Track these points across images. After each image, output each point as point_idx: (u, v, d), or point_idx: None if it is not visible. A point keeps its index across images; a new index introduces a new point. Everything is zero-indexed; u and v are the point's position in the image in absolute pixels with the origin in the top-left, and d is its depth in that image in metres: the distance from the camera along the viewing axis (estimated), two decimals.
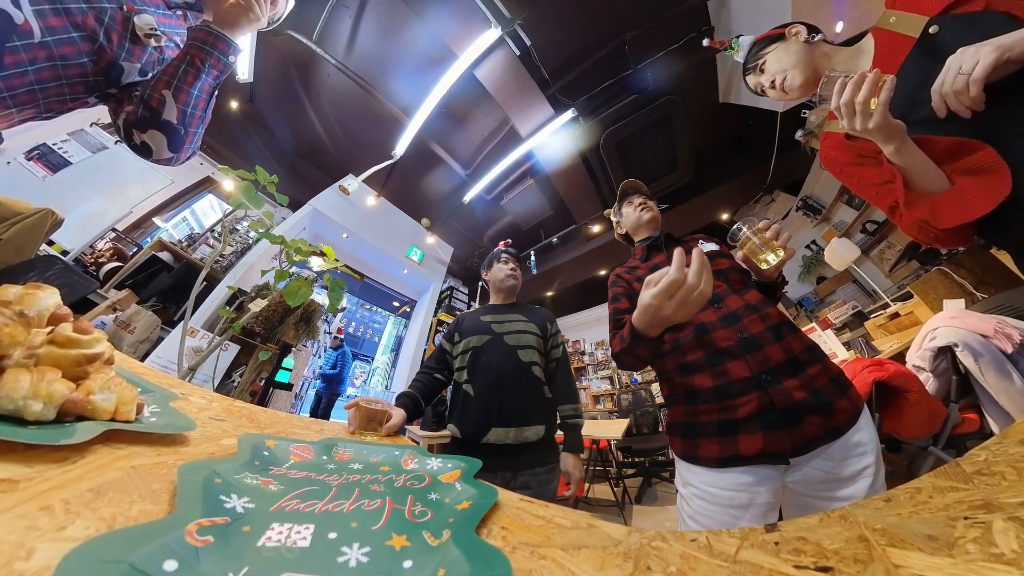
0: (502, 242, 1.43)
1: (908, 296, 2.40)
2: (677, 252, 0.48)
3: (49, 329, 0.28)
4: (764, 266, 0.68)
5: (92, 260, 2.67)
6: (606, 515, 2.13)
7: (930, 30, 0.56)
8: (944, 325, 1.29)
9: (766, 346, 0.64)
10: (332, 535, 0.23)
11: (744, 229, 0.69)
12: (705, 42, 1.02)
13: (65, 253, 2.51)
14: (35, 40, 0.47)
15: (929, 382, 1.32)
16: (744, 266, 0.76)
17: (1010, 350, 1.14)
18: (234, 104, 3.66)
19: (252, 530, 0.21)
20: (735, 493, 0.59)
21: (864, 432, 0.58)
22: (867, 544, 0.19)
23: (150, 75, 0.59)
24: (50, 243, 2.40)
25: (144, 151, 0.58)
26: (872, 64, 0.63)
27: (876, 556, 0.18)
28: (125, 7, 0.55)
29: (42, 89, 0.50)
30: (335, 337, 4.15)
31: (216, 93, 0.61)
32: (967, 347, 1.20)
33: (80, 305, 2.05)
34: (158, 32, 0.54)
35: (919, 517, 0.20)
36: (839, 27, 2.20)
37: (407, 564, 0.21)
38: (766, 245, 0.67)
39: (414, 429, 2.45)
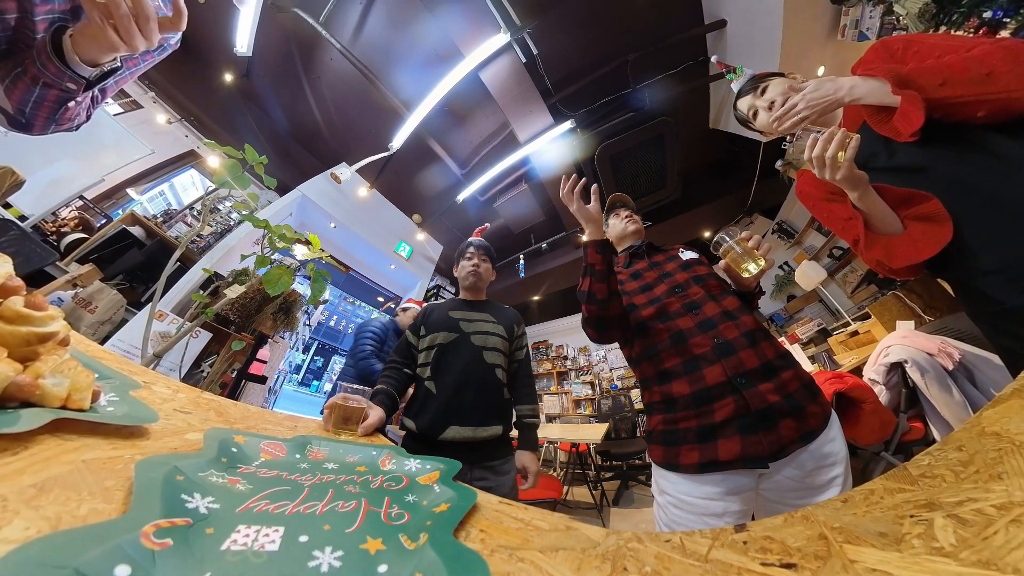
0: (477, 229, 1.39)
1: (866, 316, 2.59)
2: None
3: None
4: (745, 275, 0.71)
5: (54, 229, 2.48)
6: (585, 517, 2.15)
7: None
8: (896, 343, 1.42)
9: (740, 351, 0.65)
10: (303, 538, 0.22)
11: (727, 239, 0.72)
12: (714, 58, 1.11)
13: (23, 219, 2.31)
14: None
15: (882, 394, 1.44)
16: (725, 275, 0.80)
17: (951, 367, 1.27)
18: (228, 76, 3.52)
19: (216, 532, 0.20)
20: (709, 502, 0.61)
21: (835, 443, 0.61)
22: (826, 542, 0.20)
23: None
24: (6, 206, 2.22)
25: None
26: (845, 113, 0.71)
27: (834, 552, 0.19)
28: None
29: None
30: (404, 309, 2.40)
31: (82, 99, 0.51)
32: (915, 364, 1.33)
33: (36, 277, 1.90)
34: None
35: (872, 516, 0.22)
36: (820, 71, 2.43)
37: (382, 568, 0.20)
38: (748, 255, 0.70)
39: (393, 428, 2.39)
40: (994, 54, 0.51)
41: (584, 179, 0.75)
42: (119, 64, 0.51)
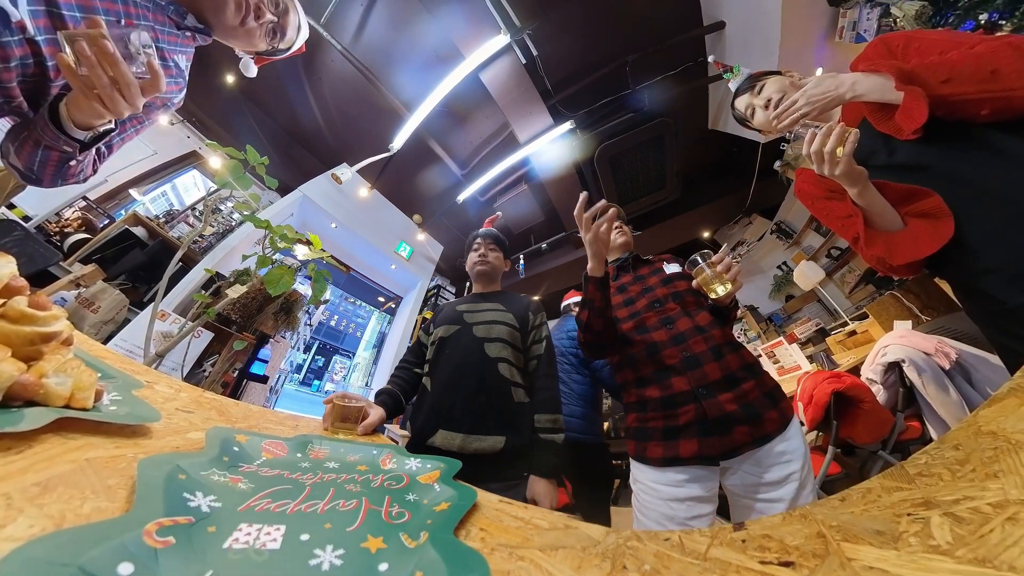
0: (488, 218, 1.37)
1: (864, 316, 2.60)
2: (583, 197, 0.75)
3: (1, 302, 0.26)
4: (713, 295, 0.78)
5: (57, 229, 2.49)
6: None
7: None
8: (893, 343, 1.43)
9: (705, 364, 0.75)
10: (304, 537, 0.22)
11: (700, 261, 0.79)
12: (711, 58, 1.12)
13: (27, 219, 2.32)
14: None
15: (880, 393, 1.45)
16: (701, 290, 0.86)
17: (947, 367, 1.28)
18: (229, 78, 3.53)
19: (218, 531, 0.20)
20: (672, 488, 0.71)
21: (791, 442, 0.68)
22: (824, 540, 0.20)
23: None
24: (10, 207, 2.23)
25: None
26: (844, 111, 0.70)
27: (832, 551, 0.19)
28: (124, 22, 0.53)
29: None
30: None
31: (83, 157, 0.55)
32: (912, 363, 1.34)
33: (39, 277, 1.90)
34: (150, 50, 0.48)
35: (869, 514, 0.22)
36: (818, 72, 2.42)
37: (383, 567, 0.21)
38: (716, 278, 0.77)
39: (394, 428, 2.39)
40: (999, 51, 0.50)
41: (602, 201, 0.78)
42: (113, 126, 0.54)
